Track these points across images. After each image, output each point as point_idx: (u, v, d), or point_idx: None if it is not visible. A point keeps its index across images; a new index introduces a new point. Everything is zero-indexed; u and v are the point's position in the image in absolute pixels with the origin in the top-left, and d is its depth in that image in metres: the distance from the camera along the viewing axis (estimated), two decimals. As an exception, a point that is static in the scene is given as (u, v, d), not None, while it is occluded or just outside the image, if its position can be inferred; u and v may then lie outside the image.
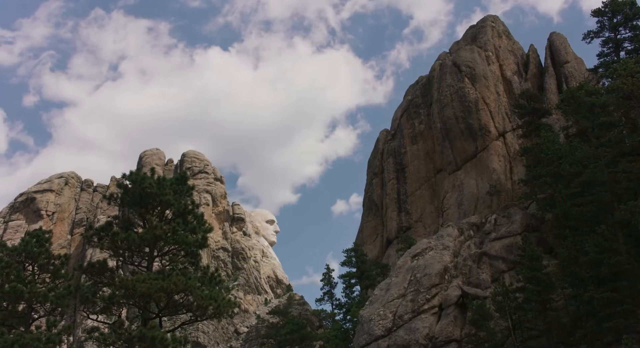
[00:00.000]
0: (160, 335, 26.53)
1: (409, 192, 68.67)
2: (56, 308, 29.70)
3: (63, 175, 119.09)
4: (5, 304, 28.36)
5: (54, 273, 30.48)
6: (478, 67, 65.01)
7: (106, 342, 27.85)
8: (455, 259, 48.24)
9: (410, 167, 69.86)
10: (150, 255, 30.58)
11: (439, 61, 71.25)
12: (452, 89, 64.73)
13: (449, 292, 44.28)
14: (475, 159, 61.73)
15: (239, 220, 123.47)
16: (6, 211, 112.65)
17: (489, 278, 45.80)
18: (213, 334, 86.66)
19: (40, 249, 30.11)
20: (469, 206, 59.29)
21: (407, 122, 72.40)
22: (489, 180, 58.64)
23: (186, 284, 27.82)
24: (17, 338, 25.85)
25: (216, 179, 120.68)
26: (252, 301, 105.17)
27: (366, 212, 75.68)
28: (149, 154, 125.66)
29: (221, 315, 29.57)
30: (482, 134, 61.43)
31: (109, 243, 29.68)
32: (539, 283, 36.99)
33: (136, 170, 31.38)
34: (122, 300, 28.75)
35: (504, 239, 48.09)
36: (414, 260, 48.66)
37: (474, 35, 71.02)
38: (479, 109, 62.19)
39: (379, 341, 42.80)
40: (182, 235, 29.57)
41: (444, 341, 40.63)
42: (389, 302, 45.23)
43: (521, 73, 69.30)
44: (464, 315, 42.25)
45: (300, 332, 62.19)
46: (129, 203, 31.11)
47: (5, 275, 28.64)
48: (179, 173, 33.89)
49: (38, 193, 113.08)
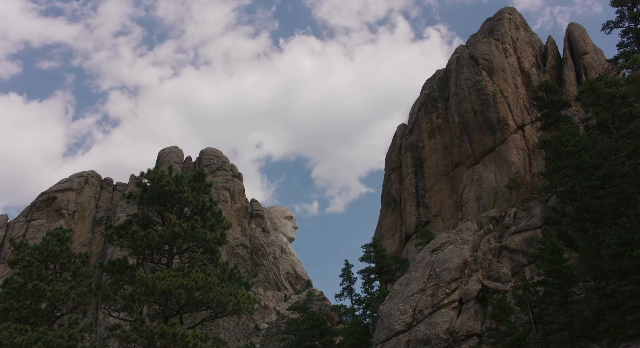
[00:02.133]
0: (181, 331, 26.66)
1: (428, 187, 68.36)
2: (78, 306, 29.96)
3: (83, 174, 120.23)
4: (28, 302, 28.63)
5: (75, 272, 30.71)
6: (495, 59, 64.48)
7: (128, 339, 28.05)
8: (475, 253, 47.97)
9: (428, 161, 69.53)
10: (170, 252, 30.76)
11: (456, 54, 70.73)
12: (469, 82, 64.27)
13: (468, 286, 44.06)
14: (493, 153, 61.28)
15: (258, 217, 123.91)
16: (28, 210, 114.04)
17: (509, 272, 45.49)
18: (233, 330, 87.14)
19: (62, 248, 30.34)
20: (488, 200, 58.91)
21: (425, 116, 72.02)
22: (508, 173, 58.20)
23: (206, 281, 27.94)
24: (40, 336, 26.11)
25: (234, 176, 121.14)
26: (272, 297, 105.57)
27: (384, 207, 75.47)
28: (167, 151, 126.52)
29: (241, 311, 29.65)
30: (500, 127, 60.95)
31: (129, 242, 29.90)
32: (560, 276, 36.66)
33: (154, 168, 31.52)
34: (142, 298, 28.92)
35: (524, 233, 47.72)
36: (433, 254, 48.47)
37: (491, 28, 70.43)
38: (497, 102, 61.70)
39: (399, 336, 42.72)
40: (200, 232, 29.69)
41: (464, 335, 40.46)
42: (409, 296, 45.12)
43: (539, 65, 68.64)
44: (484, 310, 42.02)
45: (320, 328, 62.26)
46: (148, 202, 31.30)
47: (28, 273, 28.92)
48: (196, 170, 33.99)
49: (59, 193, 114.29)
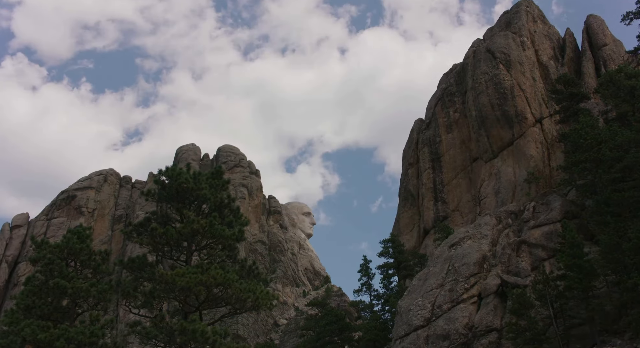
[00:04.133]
0: (200, 328, 26.85)
1: (445, 181, 68.10)
2: (99, 303, 30.23)
3: (102, 172, 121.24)
4: (50, 299, 28.94)
5: (95, 269, 31.00)
6: (513, 52, 63.98)
7: (148, 335, 28.30)
8: (494, 248, 47.70)
9: (445, 156, 69.25)
10: (189, 249, 30.96)
11: (473, 48, 70.31)
12: (486, 76, 63.84)
13: (488, 281, 43.83)
14: (512, 147, 60.85)
15: (276, 213, 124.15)
16: (48, 209, 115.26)
17: (529, 266, 45.18)
18: (253, 326, 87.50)
19: (82, 246, 30.63)
20: (506, 194, 58.54)
21: (442, 111, 71.73)
22: (527, 167, 57.78)
23: (225, 277, 28.09)
24: (62, 333, 26.41)
25: (252, 173, 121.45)
26: (291, 293, 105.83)
27: (402, 202, 75.30)
28: (185, 149, 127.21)
29: (260, 307, 29.79)
30: (518, 121, 60.50)
31: (148, 239, 30.15)
32: (580, 270, 36.35)
33: (172, 166, 31.76)
34: (162, 294, 29.16)
35: (543, 227, 47.35)
36: (452, 249, 48.27)
37: (508, 21, 69.88)
38: (515, 96, 61.23)
39: (418, 331, 42.62)
40: (219, 229, 29.84)
41: (484, 330, 40.27)
42: (428, 292, 44.99)
43: (557, 58, 67.99)
44: (503, 304, 41.79)
45: (339, 323, 62.29)
46: (166, 199, 31.53)
47: (49, 271, 29.23)
48: (214, 167, 34.17)
49: (78, 191, 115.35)
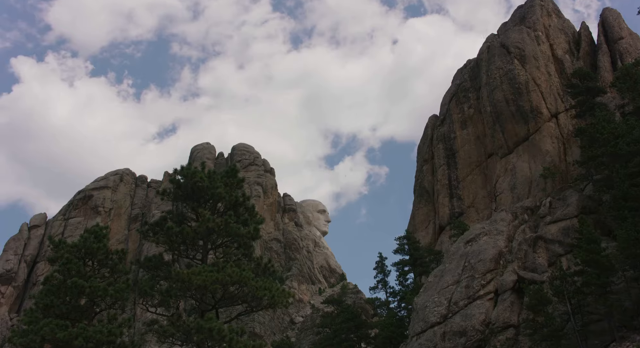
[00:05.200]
0: (217, 326, 26.95)
1: (460, 178, 67.82)
2: (116, 302, 30.40)
3: (118, 172, 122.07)
4: (68, 299, 29.15)
5: (112, 268, 31.18)
6: (527, 47, 63.52)
7: (165, 334, 28.47)
8: (510, 244, 47.44)
9: (460, 152, 68.95)
10: (204, 248, 31.08)
11: (487, 43, 69.92)
12: (501, 71, 63.46)
13: (504, 277, 43.60)
14: (527, 142, 60.44)
15: (291, 211, 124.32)
16: (65, 208, 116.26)
17: (546, 262, 44.89)
18: (269, 324, 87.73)
19: (99, 245, 30.83)
20: (522, 190, 58.17)
21: (456, 107, 71.41)
22: (543, 162, 57.38)
23: (240, 275, 28.18)
24: (80, 332, 26.62)
25: (266, 171, 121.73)
26: (307, 291, 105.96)
27: (417, 198, 75.07)
28: (200, 148, 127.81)
29: (276, 305, 29.85)
30: (533, 116, 60.08)
31: (164, 238, 30.31)
32: (598, 266, 36.06)
33: (187, 165, 31.89)
34: (179, 293, 29.32)
35: (560, 222, 47.02)
36: (468, 245, 48.07)
37: (522, 16, 69.39)
38: (530, 91, 60.81)
39: (434, 328, 42.52)
40: (234, 228, 29.93)
41: (501, 327, 40.07)
42: (444, 288, 44.85)
43: (573, 52, 67.39)
44: (520, 301, 41.54)
45: (355, 321, 62.30)
46: (181, 198, 31.68)
47: (67, 270, 29.45)
48: (229, 166, 34.26)
49: (95, 191, 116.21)
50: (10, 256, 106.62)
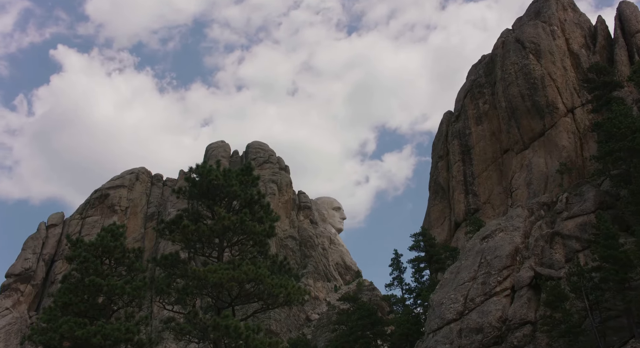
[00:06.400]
0: (233, 323, 27.05)
1: (476, 174, 67.51)
2: (133, 300, 30.62)
3: (134, 171, 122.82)
4: (86, 297, 29.41)
5: (129, 266, 31.41)
6: (543, 42, 63.04)
7: (182, 331, 28.62)
8: (526, 240, 47.16)
9: (475, 148, 68.62)
10: (220, 245, 31.17)
11: (502, 39, 69.45)
12: (516, 67, 63.05)
13: (521, 273, 43.36)
14: (543, 137, 60.04)
15: (306, 208, 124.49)
16: (82, 208, 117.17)
17: (562, 258, 44.58)
18: (285, 321, 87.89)
19: (116, 243, 31.06)
20: (538, 185, 57.80)
21: (471, 103, 71.06)
22: (559, 158, 56.97)
23: (256, 273, 28.24)
24: (99, 329, 26.86)
25: (281, 169, 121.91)
26: (322, 288, 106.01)
27: (432, 195, 74.85)
28: (215, 146, 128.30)
29: (292, 302, 29.89)
30: (549, 111, 59.65)
31: (180, 236, 30.41)
32: (616, 262, 35.75)
33: (202, 163, 32.01)
34: (195, 291, 29.44)
35: (577, 218, 46.65)
36: (484, 242, 47.86)
37: (537, 10, 68.83)
38: (546, 86, 60.37)
39: (451, 325, 42.40)
40: (250, 225, 30.01)
41: (518, 323, 39.87)
42: (460, 285, 44.70)
43: (589, 46, 66.76)
44: (537, 297, 41.29)
45: (371, 318, 62.23)
46: (197, 196, 31.80)
47: (85, 269, 29.70)
48: (244, 164, 34.35)
49: (111, 190, 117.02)
50: (28, 255, 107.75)
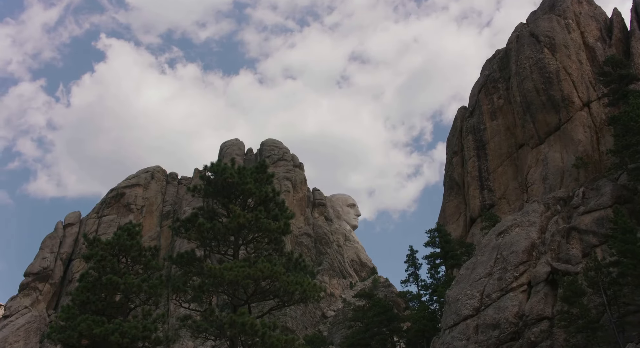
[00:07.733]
0: (249, 321, 27.14)
1: (491, 169, 67.18)
2: (150, 298, 30.74)
3: (149, 169, 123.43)
4: (103, 295, 29.59)
5: (145, 265, 31.54)
6: (557, 36, 62.54)
7: (199, 329, 28.78)
8: (543, 235, 46.87)
9: (490, 143, 68.27)
10: (236, 243, 31.28)
11: (516, 33, 69.02)
12: (531, 61, 62.61)
13: (537, 268, 43.11)
14: (559, 132, 59.60)
15: (320, 206, 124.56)
16: (99, 207, 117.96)
17: (579, 253, 44.25)
18: (301, 319, 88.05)
19: (132, 242, 31.21)
20: (554, 180, 57.39)
21: (486, 98, 70.69)
22: (575, 152, 56.53)
23: (272, 270, 28.31)
24: (116, 327, 27.02)
25: (295, 166, 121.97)
26: (338, 285, 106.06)
27: (447, 191, 74.60)
28: (229, 144, 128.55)
29: (307, 299, 29.94)
30: (565, 105, 59.19)
31: (196, 234, 30.56)
32: (634, 256, 35.43)
33: (217, 161, 32.17)
34: (211, 288, 29.55)
35: (594, 212, 46.26)
36: (500, 237, 47.64)
37: (551, 4, 68.27)
38: (561, 80, 59.90)
39: (467, 321, 42.26)
40: (265, 223, 30.08)
41: (535, 319, 39.66)
42: (476, 281, 44.54)
43: (605, 39, 66.13)
44: (554, 292, 41.04)
45: (387, 314, 62.21)
46: (212, 194, 31.94)
47: (102, 267, 29.89)
48: (258, 162, 34.44)
49: (127, 189, 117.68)
50: (46, 254, 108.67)
